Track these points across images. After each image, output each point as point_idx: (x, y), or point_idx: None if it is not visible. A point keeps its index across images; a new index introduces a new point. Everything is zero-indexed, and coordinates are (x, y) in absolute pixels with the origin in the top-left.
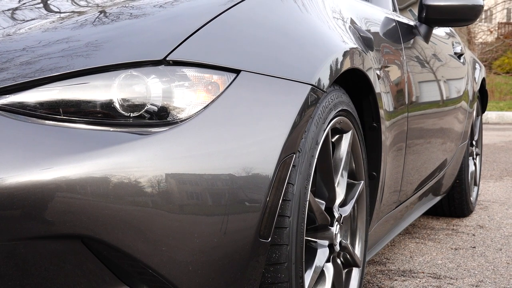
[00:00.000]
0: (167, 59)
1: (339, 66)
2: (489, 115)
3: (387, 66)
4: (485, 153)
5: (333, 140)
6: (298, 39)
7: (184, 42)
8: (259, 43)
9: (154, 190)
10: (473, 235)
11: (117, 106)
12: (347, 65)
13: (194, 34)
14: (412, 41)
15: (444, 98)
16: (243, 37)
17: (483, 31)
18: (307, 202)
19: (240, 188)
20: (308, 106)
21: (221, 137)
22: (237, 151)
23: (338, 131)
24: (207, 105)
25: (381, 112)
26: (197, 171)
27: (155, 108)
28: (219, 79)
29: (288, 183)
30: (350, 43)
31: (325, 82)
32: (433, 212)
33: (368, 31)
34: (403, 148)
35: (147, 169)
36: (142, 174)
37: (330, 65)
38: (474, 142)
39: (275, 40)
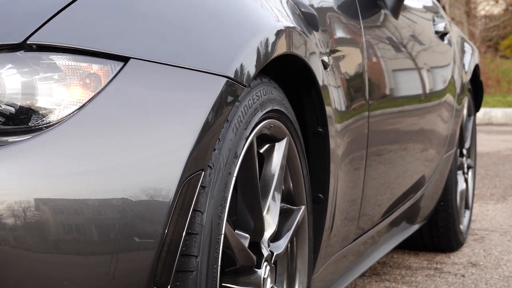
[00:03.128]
0: (29, 42)
1: (268, 51)
2: (493, 112)
3: (338, 51)
4: (485, 165)
5: (261, 151)
6: (212, 17)
7: (53, 19)
8: (157, 22)
9: (10, 221)
10: (463, 276)
11: None
12: (280, 50)
13: (67, 8)
14: (375, 16)
15: (420, 91)
16: (135, 14)
17: (487, 1)
18: (222, 236)
19: (133, 217)
20: (223, 105)
21: (104, 148)
22: (126, 167)
23: (268, 138)
24: (84, 104)
25: (329, 111)
26: (75, 195)
27: (12, 110)
28: (101, 70)
29: (194, 210)
30: (286, 21)
31: (248, 73)
32: (411, 246)
33: (312, 5)
34: (363, 159)
35: (1, 192)
36: None
37: (255, 51)
38: (464, 151)
39: (181, 19)
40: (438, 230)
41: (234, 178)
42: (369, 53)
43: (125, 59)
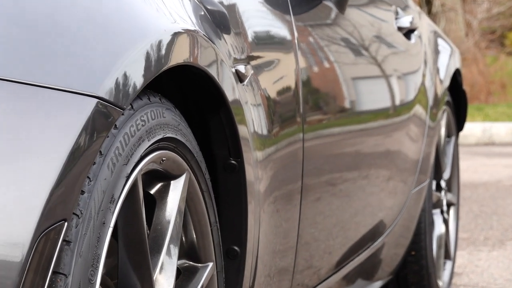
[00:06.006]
0: None
1: (158, 62)
2: (495, 129)
3: (260, 57)
4: (480, 199)
5: (151, 191)
6: (82, 21)
7: None
8: (7, 29)
9: None
10: None
11: None
12: (175, 60)
13: None
14: (314, 11)
15: (378, 104)
16: None
17: None
18: None
19: None
20: (94, 134)
21: None
22: None
23: (160, 176)
24: None
25: (245, 136)
26: None
27: None
28: None
29: (55, 272)
30: (184, 23)
31: (128, 91)
32: None
33: (222, 2)
34: (298, 193)
35: None
36: None
37: (138, 62)
38: (443, 183)
39: (40, 24)
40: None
41: (110, 230)
42: (305, 58)
43: None
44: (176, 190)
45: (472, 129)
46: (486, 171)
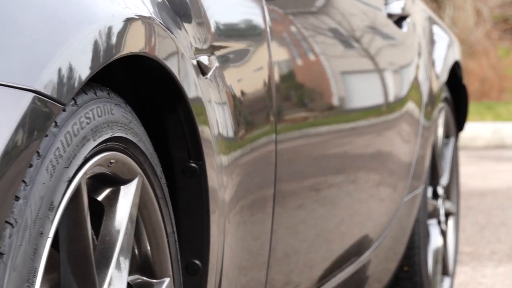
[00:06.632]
0: None
1: (109, 51)
2: (508, 129)
3: (223, 48)
4: (488, 208)
5: (99, 198)
6: (16, 5)
7: None
8: None
9: None
10: None
11: None
12: (127, 49)
13: None
14: None
15: (363, 102)
16: None
17: None
18: None
19: None
20: (31, 133)
21: None
22: None
23: (108, 180)
24: None
25: (207, 136)
26: None
27: None
28: None
29: None
30: (137, 9)
31: (71, 84)
32: None
33: None
34: (270, 201)
35: None
36: None
37: (83, 51)
38: (440, 190)
39: None
40: None
41: (49, 240)
42: (279, 49)
43: None
44: (127, 196)
45: (481, 130)
46: (496, 177)
